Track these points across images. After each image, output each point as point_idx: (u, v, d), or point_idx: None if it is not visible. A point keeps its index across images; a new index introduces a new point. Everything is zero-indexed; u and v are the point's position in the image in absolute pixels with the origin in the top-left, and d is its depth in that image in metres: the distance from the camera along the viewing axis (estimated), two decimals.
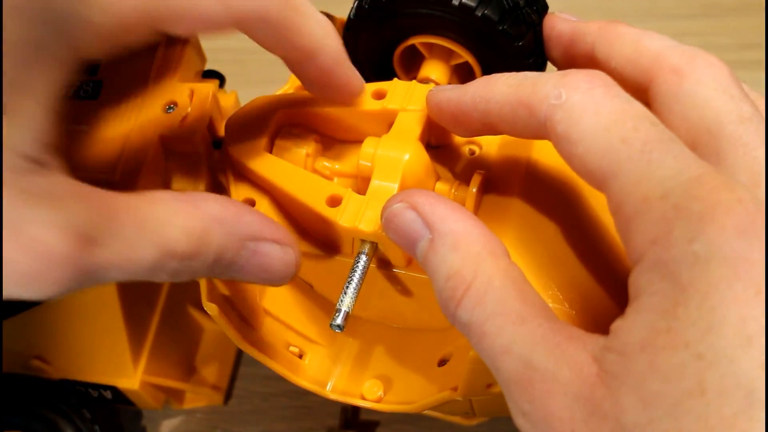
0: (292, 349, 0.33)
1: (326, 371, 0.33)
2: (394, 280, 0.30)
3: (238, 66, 0.40)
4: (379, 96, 0.31)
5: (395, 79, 0.31)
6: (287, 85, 0.35)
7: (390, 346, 0.33)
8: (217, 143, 0.34)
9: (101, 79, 0.33)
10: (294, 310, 0.33)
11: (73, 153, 0.32)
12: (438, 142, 0.31)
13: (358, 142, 0.30)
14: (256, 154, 0.30)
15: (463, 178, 0.31)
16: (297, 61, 0.28)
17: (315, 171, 0.32)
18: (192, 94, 0.33)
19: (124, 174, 0.31)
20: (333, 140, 0.32)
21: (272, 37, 0.26)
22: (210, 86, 0.33)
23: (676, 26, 0.52)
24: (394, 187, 0.28)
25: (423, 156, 0.29)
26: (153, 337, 0.39)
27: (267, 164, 0.30)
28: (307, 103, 0.31)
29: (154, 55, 0.34)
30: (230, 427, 0.43)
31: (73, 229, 0.21)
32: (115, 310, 0.36)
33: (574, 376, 0.21)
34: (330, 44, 0.28)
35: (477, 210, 0.30)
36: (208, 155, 0.33)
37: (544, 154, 0.30)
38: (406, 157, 0.28)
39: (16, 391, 0.39)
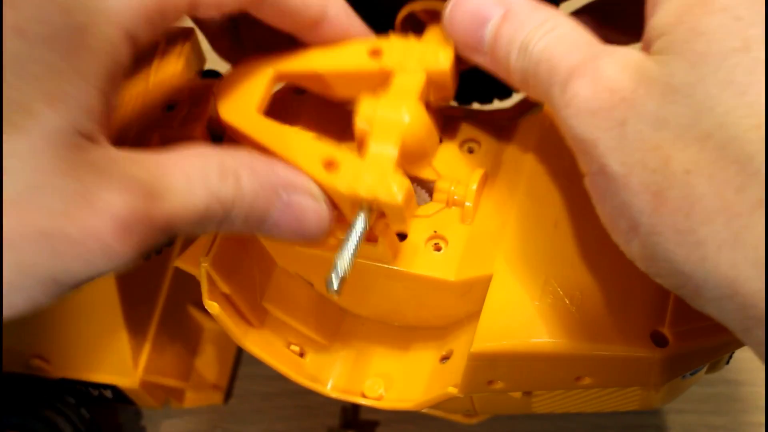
0: (292, 347, 0.33)
1: (327, 369, 0.33)
2: (394, 278, 0.30)
3: None
4: (376, 53, 0.29)
5: (391, 34, 0.30)
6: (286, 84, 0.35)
7: (390, 344, 0.34)
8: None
9: None
10: (295, 308, 0.33)
11: None
12: (437, 101, 0.30)
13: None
14: (248, 116, 0.29)
15: (463, 176, 0.31)
16: (307, 26, 0.28)
17: None
18: (191, 93, 0.33)
19: None
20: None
21: (278, 10, 0.27)
22: (209, 85, 0.33)
23: None
24: (394, 151, 0.27)
25: (424, 117, 0.28)
26: (153, 336, 0.39)
27: (259, 126, 0.29)
28: (301, 63, 0.30)
29: (154, 55, 0.34)
30: (230, 426, 0.43)
31: (138, 187, 0.22)
32: (115, 309, 0.36)
33: (624, 53, 0.22)
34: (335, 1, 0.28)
35: (477, 207, 0.30)
36: None
37: (544, 151, 0.30)
38: (407, 119, 0.27)
39: (16, 391, 0.39)
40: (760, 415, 0.40)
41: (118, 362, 0.38)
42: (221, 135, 0.33)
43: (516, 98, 0.36)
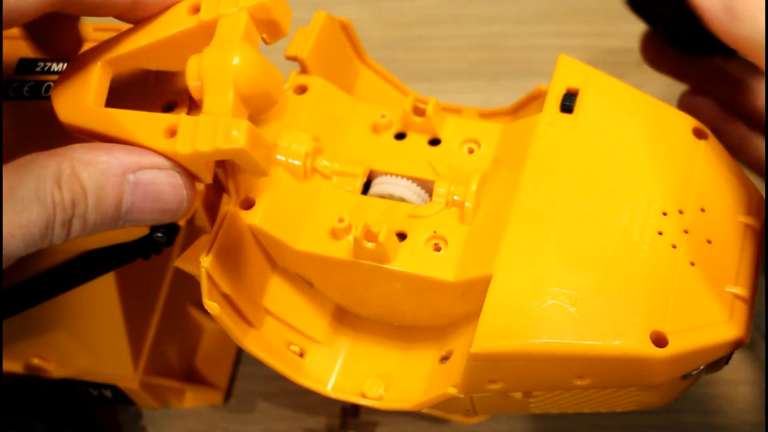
0: (292, 347, 0.33)
1: (327, 370, 0.33)
2: (394, 279, 0.30)
3: None
4: (194, 10, 0.27)
5: None
6: (286, 84, 0.35)
7: (390, 344, 0.34)
8: None
9: None
10: (294, 308, 0.33)
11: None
12: (272, 36, 0.28)
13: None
14: (84, 111, 0.27)
15: (463, 176, 0.31)
16: (126, 10, 0.27)
17: (315, 170, 0.32)
18: (191, 93, 0.33)
19: None
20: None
21: (91, 4, 0.26)
22: None
23: None
24: (227, 97, 0.25)
25: (253, 55, 0.26)
26: (153, 337, 0.39)
27: (97, 118, 0.27)
28: (126, 43, 0.28)
29: None
30: (230, 426, 0.43)
31: None
32: (115, 309, 0.36)
33: None
34: None
35: (477, 208, 0.30)
36: None
37: (544, 151, 0.30)
38: (235, 60, 0.25)
39: (16, 391, 0.39)
40: (760, 415, 0.40)
41: (118, 362, 0.38)
42: None
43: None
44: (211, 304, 0.29)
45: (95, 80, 0.28)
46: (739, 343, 0.27)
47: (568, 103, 0.31)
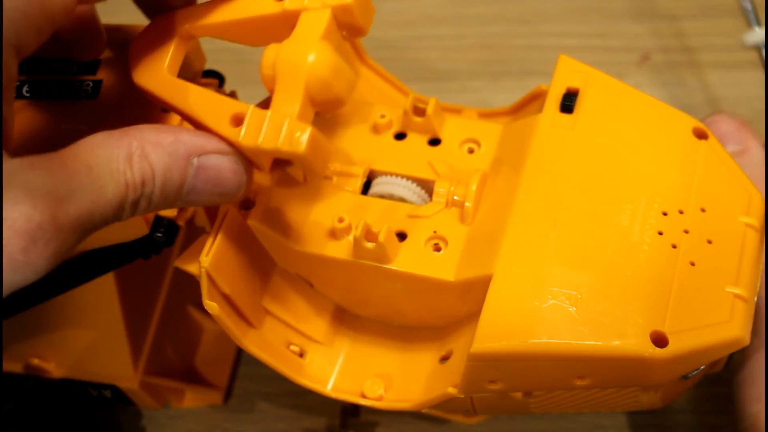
0: (292, 348, 0.33)
1: (327, 370, 0.33)
2: (394, 279, 0.30)
3: (237, 66, 0.40)
4: None
5: None
6: None
7: (390, 344, 0.34)
8: None
9: (101, 78, 0.33)
10: (294, 308, 0.33)
11: None
12: (351, 35, 0.29)
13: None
14: (158, 78, 0.28)
15: (463, 176, 0.31)
16: None
17: None
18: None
19: None
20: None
21: None
22: (209, 86, 0.33)
23: (676, 27, 0.52)
24: (298, 95, 0.26)
25: (329, 56, 0.26)
26: (153, 337, 0.39)
27: (170, 88, 0.28)
28: (206, 16, 0.29)
29: None
30: (230, 427, 0.43)
31: (40, 195, 0.22)
32: (114, 309, 0.36)
33: None
34: None
35: (477, 208, 0.30)
36: None
37: (544, 151, 0.30)
38: (311, 58, 0.26)
39: (16, 391, 0.39)
40: None
41: (118, 362, 0.38)
42: None
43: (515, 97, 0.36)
44: (211, 304, 0.29)
45: (173, 48, 0.29)
46: (739, 343, 0.27)
47: (568, 103, 0.31)
